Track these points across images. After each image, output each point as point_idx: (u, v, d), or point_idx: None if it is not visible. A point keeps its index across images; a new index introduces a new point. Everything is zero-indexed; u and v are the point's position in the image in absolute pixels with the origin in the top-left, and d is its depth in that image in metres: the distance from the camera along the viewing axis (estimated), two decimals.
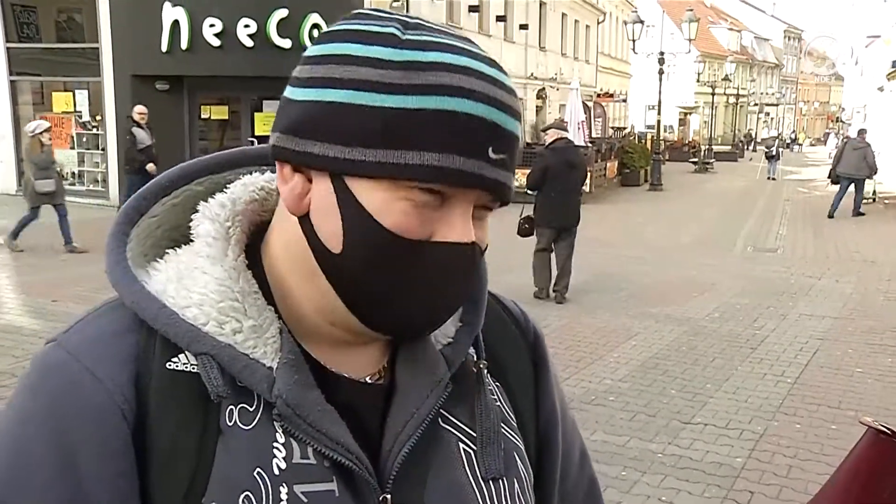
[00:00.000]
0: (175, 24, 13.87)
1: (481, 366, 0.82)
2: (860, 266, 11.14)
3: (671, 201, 19.91)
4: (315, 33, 12.74)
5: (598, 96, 33.10)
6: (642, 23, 23.86)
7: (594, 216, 12.10)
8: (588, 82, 31.18)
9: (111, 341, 0.71)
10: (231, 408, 0.70)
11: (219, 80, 14.36)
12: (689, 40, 25.66)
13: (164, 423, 0.68)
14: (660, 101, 25.10)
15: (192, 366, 0.70)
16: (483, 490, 0.77)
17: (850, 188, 16.65)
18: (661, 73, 24.37)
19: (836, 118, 71.83)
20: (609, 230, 13.51)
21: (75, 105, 15.83)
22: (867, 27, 43.93)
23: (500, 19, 22.62)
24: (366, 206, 0.68)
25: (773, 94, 75.72)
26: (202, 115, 15.32)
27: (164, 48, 13.99)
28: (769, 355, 6.63)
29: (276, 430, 0.70)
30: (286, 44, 13.55)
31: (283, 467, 0.69)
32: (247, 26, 13.73)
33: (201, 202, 0.79)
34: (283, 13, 13.54)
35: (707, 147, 35.41)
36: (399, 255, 0.69)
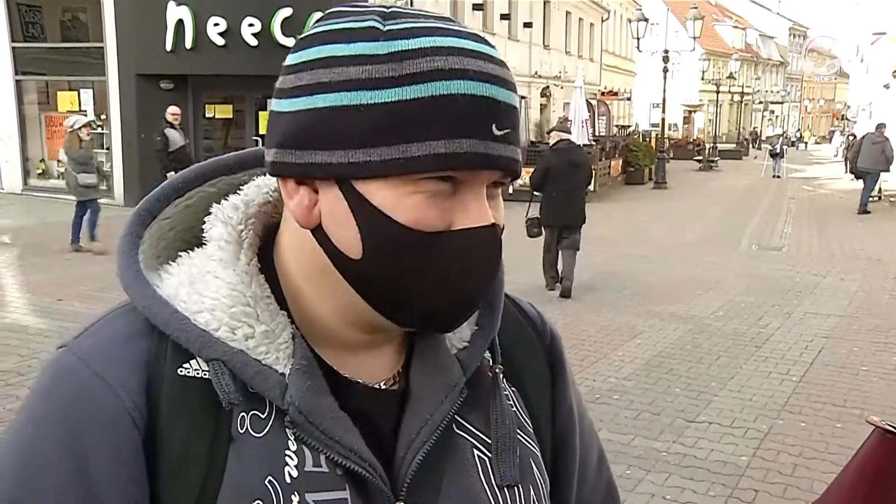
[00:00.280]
0: (179, 23, 13.91)
1: (497, 370, 0.81)
2: (865, 264, 11.12)
3: (675, 199, 19.88)
4: None
5: (603, 94, 33.03)
6: (647, 21, 23.83)
7: (598, 214, 12.09)
8: (592, 80, 31.12)
9: (122, 346, 0.70)
10: (243, 415, 0.69)
11: (223, 79, 14.40)
12: (694, 38, 25.67)
13: (175, 430, 0.68)
14: (664, 100, 25.09)
15: (203, 372, 0.69)
16: (498, 498, 0.76)
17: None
18: (665, 71, 24.37)
19: (842, 116, 71.65)
20: (613, 228, 13.49)
21: (80, 104, 15.86)
22: (873, 24, 43.88)
23: (504, 17, 22.58)
24: (379, 207, 0.66)
25: (777, 91, 75.45)
26: (206, 115, 15.36)
27: (168, 47, 14.02)
28: (774, 353, 6.62)
29: (289, 438, 0.69)
30: (290, 43, 13.02)
31: (295, 475, 0.68)
32: (251, 25, 13.75)
33: (214, 204, 0.77)
34: (287, 12, 13.53)
35: (711, 145, 35.41)
36: (422, 249, 0.67)
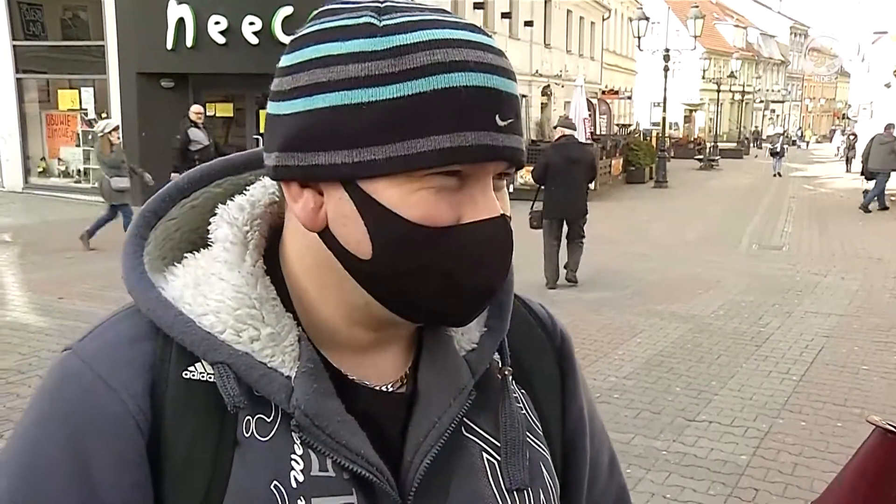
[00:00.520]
0: (180, 21, 13.92)
1: (506, 373, 0.79)
2: (866, 263, 11.11)
3: (676, 198, 19.87)
4: None
5: (603, 93, 33.03)
6: (647, 19, 23.81)
7: (599, 213, 12.08)
8: (593, 79, 31.12)
9: (126, 349, 0.69)
10: (248, 418, 0.68)
11: (224, 77, 14.42)
12: (695, 37, 25.64)
13: (180, 433, 0.67)
14: (665, 98, 25.09)
15: (208, 375, 0.69)
16: (507, 501, 0.75)
17: (874, 182, 16.67)
18: (666, 69, 24.34)
19: (843, 115, 71.60)
20: (614, 227, 13.48)
21: (81, 103, 15.87)
22: (874, 23, 43.86)
23: (504, 16, 22.58)
24: (386, 205, 0.65)
25: (778, 90, 75.42)
26: (207, 113, 15.34)
27: (169, 46, 14.03)
28: (774, 353, 6.62)
29: (295, 442, 0.68)
30: None
31: (300, 480, 0.67)
32: (252, 24, 13.76)
33: (220, 205, 0.77)
34: (287, 10, 13.53)
35: (712, 144, 35.35)
36: (432, 245, 0.66)
